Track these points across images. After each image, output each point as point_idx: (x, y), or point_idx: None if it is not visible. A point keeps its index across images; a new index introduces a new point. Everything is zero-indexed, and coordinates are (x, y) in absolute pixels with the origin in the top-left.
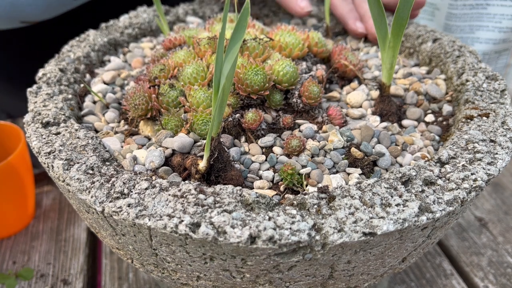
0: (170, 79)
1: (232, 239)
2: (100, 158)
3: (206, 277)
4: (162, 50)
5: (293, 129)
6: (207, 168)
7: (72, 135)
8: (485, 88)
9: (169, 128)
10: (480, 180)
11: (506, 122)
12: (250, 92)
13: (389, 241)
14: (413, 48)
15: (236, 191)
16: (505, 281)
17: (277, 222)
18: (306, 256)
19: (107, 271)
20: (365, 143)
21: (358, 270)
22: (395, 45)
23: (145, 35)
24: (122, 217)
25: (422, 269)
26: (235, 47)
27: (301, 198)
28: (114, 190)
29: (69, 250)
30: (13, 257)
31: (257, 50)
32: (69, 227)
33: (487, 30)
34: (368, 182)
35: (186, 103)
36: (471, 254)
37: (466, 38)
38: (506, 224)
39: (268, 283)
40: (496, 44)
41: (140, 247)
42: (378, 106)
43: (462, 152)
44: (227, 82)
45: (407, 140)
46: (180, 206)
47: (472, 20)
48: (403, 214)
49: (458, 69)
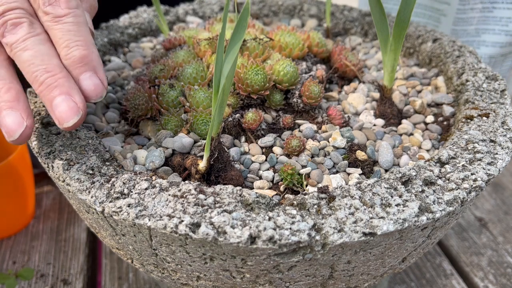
0: (170, 79)
1: (232, 239)
2: (100, 158)
3: (206, 277)
4: (162, 50)
5: (293, 129)
6: (207, 168)
7: (72, 135)
8: (485, 88)
9: (169, 128)
10: (480, 180)
11: (506, 122)
12: (250, 92)
13: (389, 241)
14: (413, 48)
15: (236, 191)
16: (505, 281)
17: (277, 222)
18: (306, 256)
19: (107, 271)
20: (371, 147)
21: (358, 270)
22: (396, 48)
23: (145, 35)
24: (122, 217)
25: (422, 269)
26: (235, 47)
27: (301, 198)
28: (114, 190)
29: (69, 250)
30: (13, 257)
31: (257, 50)
32: (69, 227)
33: (493, 33)
34: (368, 182)
35: (186, 103)
36: (471, 254)
37: (472, 42)
38: (506, 224)
39: (268, 283)
40: (503, 47)
41: (140, 247)
42: (379, 108)
43: (462, 152)
44: (227, 82)
45: (410, 140)
46: (180, 206)
47: (479, 23)
48: (403, 214)
49: (458, 69)
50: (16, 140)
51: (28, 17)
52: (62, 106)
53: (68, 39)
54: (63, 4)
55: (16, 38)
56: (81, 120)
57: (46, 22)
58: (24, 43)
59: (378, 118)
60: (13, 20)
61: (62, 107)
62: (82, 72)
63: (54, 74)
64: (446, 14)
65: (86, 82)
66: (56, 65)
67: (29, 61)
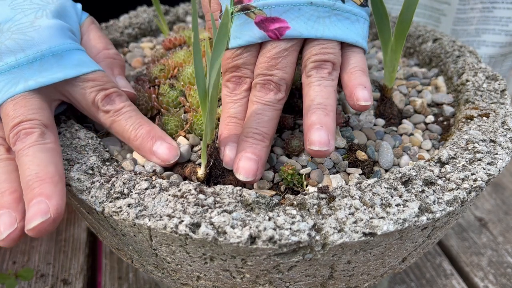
0: (170, 79)
1: (232, 239)
2: (100, 158)
3: (206, 277)
4: (162, 50)
5: (293, 129)
6: (206, 175)
7: (72, 135)
8: (485, 88)
9: (169, 128)
10: (480, 180)
11: (506, 122)
12: None
13: (389, 241)
14: (413, 48)
15: (236, 191)
16: (505, 281)
17: (277, 222)
18: (306, 256)
19: (107, 271)
20: (371, 147)
21: (358, 270)
22: (397, 48)
23: (145, 35)
24: (122, 217)
25: (422, 269)
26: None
27: (301, 198)
28: (114, 190)
29: (69, 250)
30: (13, 257)
31: None
32: (69, 227)
33: (493, 33)
34: (368, 182)
35: (186, 103)
36: (471, 254)
37: (472, 42)
38: (506, 224)
39: (268, 283)
40: (503, 47)
41: (140, 247)
42: (379, 108)
43: (462, 152)
44: (214, 91)
45: (410, 140)
46: (180, 206)
47: (479, 23)
48: (403, 214)
49: (458, 69)
50: (2, 241)
51: (41, 127)
52: (34, 208)
53: (132, 123)
54: (117, 100)
55: (22, 146)
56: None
57: (109, 118)
58: (28, 150)
59: (378, 118)
60: (26, 130)
61: (33, 209)
62: (153, 144)
63: (43, 179)
64: (446, 14)
65: (159, 149)
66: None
67: (26, 165)
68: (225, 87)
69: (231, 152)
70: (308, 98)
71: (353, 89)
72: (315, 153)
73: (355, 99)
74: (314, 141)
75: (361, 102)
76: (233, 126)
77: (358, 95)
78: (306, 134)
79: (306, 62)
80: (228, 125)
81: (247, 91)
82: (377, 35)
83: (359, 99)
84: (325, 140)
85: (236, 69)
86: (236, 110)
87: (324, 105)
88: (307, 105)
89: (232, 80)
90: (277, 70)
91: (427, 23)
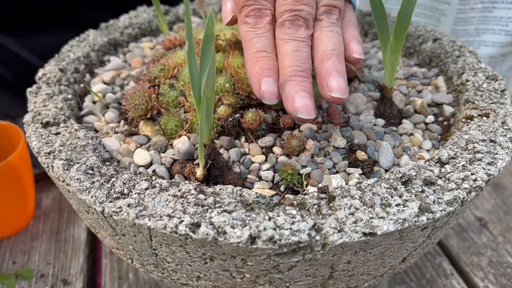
0: (170, 79)
1: (232, 239)
2: (100, 158)
3: (206, 277)
4: (162, 50)
5: (293, 129)
6: (205, 175)
7: (72, 135)
8: (485, 88)
9: (169, 128)
10: (480, 180)
11: (506, 122)
12: (250, 92)
13: (389, 241)
14: (413, 48)
15: (236, 191)
16: (505, 281)
17: (277, 222)
18: (306, 256)
19: (107, 271)
20: (371, 147)
21: (358, 270)
22: (397, 48)
23: (145, 35)
24: (122, 217)
25: (422, 269)
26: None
27: (301, 198)
28: (114, 190)
29: (69, 250)
30: (13, 257)
31: None
32: (69, 227)
33: (493, 33)
34: (368, 182)
35: (186, 103)
36: (471, 254)
37: (472, 42)
38: (506, 224)
39: (268, 283)
40: (503, 47)
41: (140, 247)
42: (379, 108)
43: (462, 152)
44: (209, 92)
45: (410, 140)
46: (180, 206)
47: (479, 23)
48: (403, 214)
49: (458, 69)
50: None
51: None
52: None
53: None
54: None
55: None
56: None
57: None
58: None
59: (378, 118)
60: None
61: None
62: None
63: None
64: (446, 14)
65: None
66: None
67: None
68: (245, 24)
69: (269, 86)
70: (321, 42)
71: (349, 42)
72: (335, 99)
73: (350, 51)
74: (334, 87)
75: (355, 55)
76: (265, 60)
77: (353, 48)
78: (324, 79)
79: (318, 5)
80: (259, 60)
81: (270, 24)
82: (377, 35)
83: (353, 51)
84: (343, 87)
85: (255, 1)
86: (264, 44)
87: (337, 51)
88: (321, 50)
89: (251, 15)
90: (304, 5)
91: (427, 23)
